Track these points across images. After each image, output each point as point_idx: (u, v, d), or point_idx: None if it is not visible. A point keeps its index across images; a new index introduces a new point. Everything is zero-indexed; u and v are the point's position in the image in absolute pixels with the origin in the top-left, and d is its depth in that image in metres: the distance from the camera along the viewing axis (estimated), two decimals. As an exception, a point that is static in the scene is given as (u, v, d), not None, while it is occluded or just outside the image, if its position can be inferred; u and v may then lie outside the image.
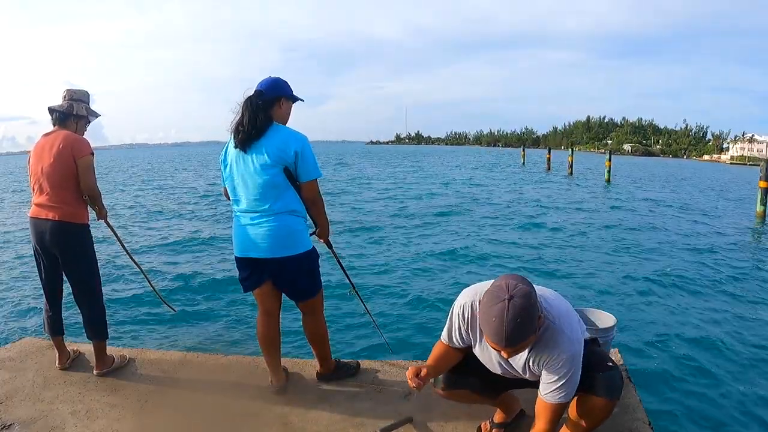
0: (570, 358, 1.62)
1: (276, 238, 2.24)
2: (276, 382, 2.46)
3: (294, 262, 2.29)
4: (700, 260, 7.83)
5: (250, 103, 2.22)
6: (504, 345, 1.47)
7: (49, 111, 2.63)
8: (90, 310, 2.65)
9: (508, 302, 1.45)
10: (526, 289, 1.49)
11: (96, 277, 2.69)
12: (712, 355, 4.22)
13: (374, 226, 10.83)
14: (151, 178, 28.84)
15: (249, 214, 2.27)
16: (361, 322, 4.80)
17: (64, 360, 2.72)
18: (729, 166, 66.17)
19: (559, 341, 1.62)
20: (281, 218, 2.24)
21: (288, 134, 2.25)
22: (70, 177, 2.53)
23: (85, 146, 2.57)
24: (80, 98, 2.67)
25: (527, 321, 1.46)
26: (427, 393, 2.37)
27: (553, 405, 1.67)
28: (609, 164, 24.27)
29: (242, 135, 2.20)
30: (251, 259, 2.31)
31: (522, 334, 1.46)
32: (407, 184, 21.88)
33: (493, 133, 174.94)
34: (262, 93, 2.26)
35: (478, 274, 6.82)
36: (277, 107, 2.30)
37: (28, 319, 5.12)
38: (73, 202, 2.56)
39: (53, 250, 2.55)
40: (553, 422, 1.70)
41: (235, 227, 2.34)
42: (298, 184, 2.27)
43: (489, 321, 1.48)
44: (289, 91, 2.34)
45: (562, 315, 1.67)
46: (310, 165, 2.25)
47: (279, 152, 2.19)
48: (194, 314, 5.21)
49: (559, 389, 1.65)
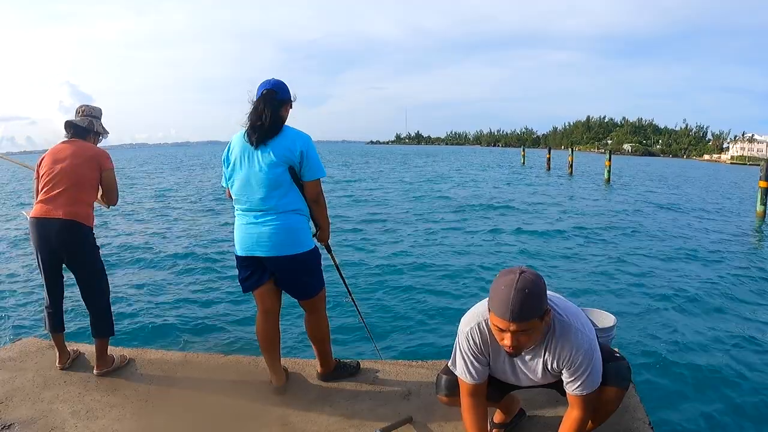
0: (587, 349, 1.65)
1: (279, 236, 2.25)
2: (276, 382, 2.46)
3: (297, 260, 2.30)
4: (699, 260, 7.84)
5: (267, 100, 2.25)
6: (510, 316, 1.49)
7: (67, 125, 2.73)
8: (97, 307, 2.67)
9: (519, 274, 1.51)
10: (537, 273, 1.55)
11: (103, 276, 2.72)
12: (712, 355, 4.22)
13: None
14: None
15: (253, 212, 2.29)
16: (361, 323, 4.80)
17: (65, 360, 2.72)
18: (729, 165, 66.16)
19: (573, 336, 1.65)
20: (285, 217, 2.26)
21: (294, 134, 2.28)
22: (90, 182, 2.61)
23: (110, 160, 2.70)
24: (97, 115, 2.80)
25: (535, 295, 1.51)
26: (427, 393, 2.38)
27: (584, 396, 1.69)
28: (609, 164, 24.28)
29: (260, 132, 2.23)
30: (254, 258, 2.32)
31: (529, 309, 1.49)
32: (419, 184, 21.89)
33: (493, 133, 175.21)
34: (276, 93, 2.29)
35: (478, 272, 6.83)
36: (284, 109, 2.34)
37: (28, 319, 5.12)
38: (85, 204, 2.61)
39: (60, 248, 2.56)
40: (589, 409, 1.73)
41: (238, 226, 2.35)
42: (302, 183, 2.29)
43: (498, 291, 1.52)
44: (292, 96, 2.40)
45: (570, 311, 1.71)
46: (314, 164, 2.28)
47: (285, 151, 2.22)
48: (194, 314, 5.21)
49: (587, 380, 1.67)
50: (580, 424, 1.73)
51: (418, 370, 2.65)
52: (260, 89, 2.31)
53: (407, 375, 2.60)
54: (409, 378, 2.56)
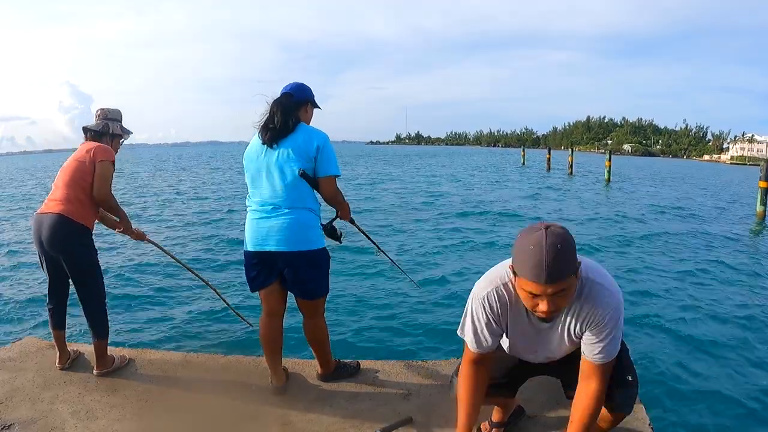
0: (615, 308, 1.52)
1: (292, 230, 2.26)
2: (276, 382, 2.47)
3: (307, 257, 2.30)
4: (699, 260, 7.83)
5: (280, 103, 2.31)
6: (546, 278, 1.33)
7: (83, 131, 2.76)
8: (90, 309, 2.66)
9: (545, 230, 1.34)
10: (561, 225, 1.40)
11: (97, 278, 2.69)
12: (713, 355, 4.21)
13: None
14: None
15: (266, 207, 2.30)
16: (361, 324, 4.80)
17: (64, 360, 2.72)
18: (729, 166, 66.16)
19: (600, 294, 1.51)
20: (298, 212, 2.28)
21: (311, 131, 2.33)
22: (82, 177, 2.59)
23: (107, 152, 2.66)
24: (114, 117, 2.80)
25: (568, 250, 1.34)
26: (427, 393, 2.38)
27: (604, 365, 1.58)
28: (609, 164, 24.29)
29: (270, 133, 2.27)
30: (263, 254, 2.32)
31: (565, 265, 1.34)
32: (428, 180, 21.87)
33: (493, 133, 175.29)
34: (292, 95, 2.36)
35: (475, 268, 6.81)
36: (303, 110, 2.39)
37: (28, 319, 5.11)
38: (79, 201, 2.59)
39: (51, 243, 2.55)
40: (605, 380, 1.60)
41: (250, 221, 2.36)
42: (317, 179, 2.30)
43: (526, 251, 1.34)
44: (314, 97, 2.45)
45: (596, 268, 1.57)
46: (330, 161, 2.31)
47: (303, 147, 2.25)
48: (194, 314, 5.21)
49: (609, 344, 1.55)
50: (599, 397, 1.58)
51: (418, 370, 2.65)
52: (281, 93, 2.38)
53: (407, 375, 2.60)
54: (409, 378, 2.57)
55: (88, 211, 2.63)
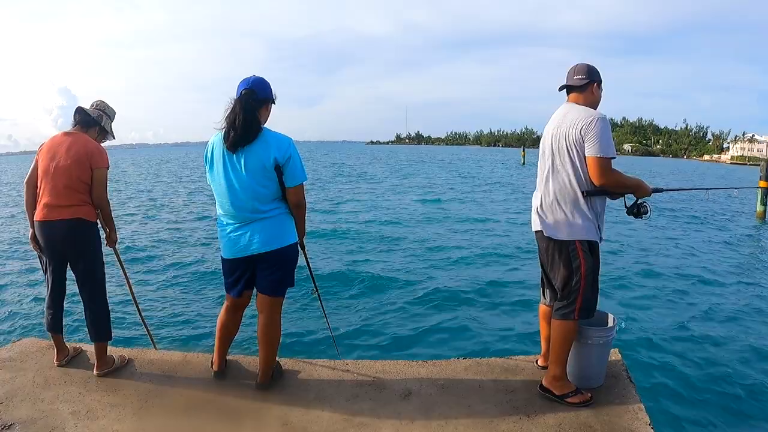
0: (599, 118, 2.20)
1: (267, 233, 2.27)
2: (216, 368, 2.58)
3: (281, 252, 2.31)
4: (699, 260, 7.83)
5: (243, 103, 2.17)
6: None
7: (76, 111, 2.69)
8: (94, 309, 2.65)
9: None
10: None
11: (102, 276, 2.70)
12: (713, 355, 4.22)
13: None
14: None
15: (237, 218, 2.28)
16: (361, 323, 4.80)
17: (62, 357, 2.72)
18: (729, 165, 66.16)
19: (586, 109, 2.28)
20: (272, 218, 2.27)
21: (276, 138, 2.22)
22: (83, 181, 2.57)
23: (103, 158, 2.62)
24: (110, 114, 2.79)
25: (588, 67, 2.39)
26: (427, 393, 2.38)
27: (602, 159, 2.22)
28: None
29: (233, 137, 2.17)
30: (240, 259, 2.33)
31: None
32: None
33: (493, 133, 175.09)
34: (255, 93, 2.21)
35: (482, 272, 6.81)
36: (264, 109, 2.28)
37: (28, 319, 5.12)
38: (84, 203, 2.59)
39: (64, 248, 2.57)
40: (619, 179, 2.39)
41: (223, 232, 2.35)
42: (285, 188, 2.27)
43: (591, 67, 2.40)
44: (273, 94, 2.31)
45: None
46: (297, 169, 2.25)
47: (268, 156, 2.17)
48: (194, 315, 5.21)
49: (599, 146, 2.19)
50: None
51: (418, 370, 2.65)
52: (240, 88, 2.23)
53: (407, 375, 2.59)
54: (409, 378, 2.56)
55: (92, 210, 2.65)
